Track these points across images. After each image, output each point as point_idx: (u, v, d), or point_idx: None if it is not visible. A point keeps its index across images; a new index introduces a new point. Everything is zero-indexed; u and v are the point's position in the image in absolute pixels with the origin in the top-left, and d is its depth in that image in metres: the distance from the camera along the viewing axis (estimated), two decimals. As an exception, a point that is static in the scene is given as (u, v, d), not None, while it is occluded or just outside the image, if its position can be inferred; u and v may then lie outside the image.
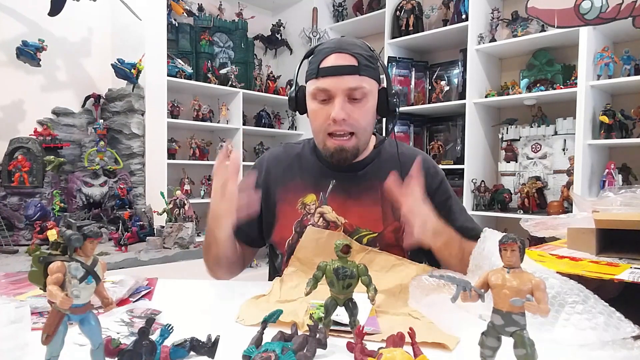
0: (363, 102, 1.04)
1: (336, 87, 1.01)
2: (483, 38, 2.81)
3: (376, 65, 1.07)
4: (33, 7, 2.51)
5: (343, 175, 1.13)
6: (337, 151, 1.06)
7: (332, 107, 1.02)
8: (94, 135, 2.63)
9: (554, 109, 2.73)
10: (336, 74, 1.01)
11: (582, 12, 1.39)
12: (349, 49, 1.03)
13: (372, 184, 1.11)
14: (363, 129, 1.06)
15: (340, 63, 1.02)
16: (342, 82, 1.01)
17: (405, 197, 0.95)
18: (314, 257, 1.00)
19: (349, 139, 1.05)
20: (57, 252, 0.54)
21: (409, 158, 1.15)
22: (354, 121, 1.04)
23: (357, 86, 1.01)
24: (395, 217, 1.08)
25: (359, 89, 1.02)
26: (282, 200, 1.16)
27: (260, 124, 3.63)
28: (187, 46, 3.25)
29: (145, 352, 0.55)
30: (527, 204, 2.62)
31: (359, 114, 1.04)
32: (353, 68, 1.01)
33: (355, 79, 1.01)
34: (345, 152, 1.06)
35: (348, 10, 3.71)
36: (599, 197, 1.04)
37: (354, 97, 1.02)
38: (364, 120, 1.06)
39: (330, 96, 1.03)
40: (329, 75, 1.02)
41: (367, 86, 1.03)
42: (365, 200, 1.11)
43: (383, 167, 1.14)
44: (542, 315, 0.49)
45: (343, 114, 1.01)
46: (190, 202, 2.38)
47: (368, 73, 1.03)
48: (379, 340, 0.69)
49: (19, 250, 2.07)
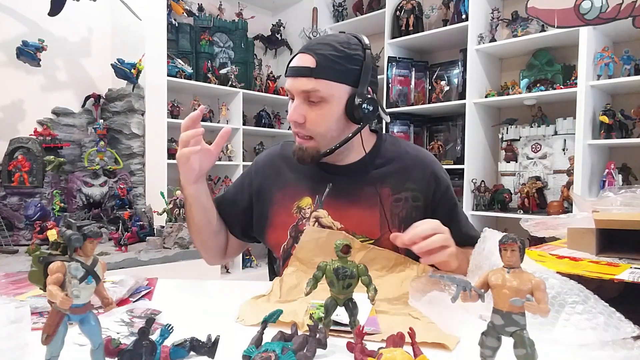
0: (320, 106, 0.99)
1: (293, 87, 1.00)
2: (483, 38, 2.81)
3: (351, 67, 0.99)
4: (33, 7, 2.50)
5: (340, 178, 1.09)
6: (297, 150, 1.05)
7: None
8: (94, 135, 2.62)
9: (554, 109, 2.73)
10: (293, 75, 1.00)
11: (582, 12, 1.39)
12: (314, 49, 0.99)
13: (371, 188, 1.06)
14: (321, 134, 1.02)
15: (298, 64, 0.99)
16: (297, 84, 0.99)
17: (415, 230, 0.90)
18: (314, 257, 0.99)
19: (308, 140, 1.03)
20: (57, 252, 0.54)
21: (413, 160, 1.11)
22: (310, 125, 1.01)
23: (310, 89, 0.98)
24: (393, 223, 1.05)
25: (312, 92, 0.98)
26: (277, 204, 1.13)
27: (260, 124, 3.63)
28: (187, 46, 3.25)
29: (145, 352, 0.55)
30: (527, 204, 2.62)
31: (314, 117, 1.00)
32: (308, 70, 0.97)
33: (309, 81, 0.97)
34: (303, 152, 1.04)
35: (348, 10, 3.71)
36: (599, 197, 1.04)
37: (311, 100, 0.99)
38: (321, 125, 1.01)
39: (292, 97, 1.02)
40: (289, 75, 1.01)
41: (322, 89, 0.98)
42: (363, 204, 1.06)
43: (382, 169, 1.09)
44: (542, 315, 0.49)
45: (295, 116, 1.00)
46: (190, 202, 2.38)
47: (329, 76, 0.98)
48: (379, 340, 0.69)
49: (19, 250, 2.07)
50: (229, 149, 3.31)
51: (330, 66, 0.98)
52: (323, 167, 1.11)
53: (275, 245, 1.13)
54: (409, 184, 1.08)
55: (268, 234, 1.15)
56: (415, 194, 1.08)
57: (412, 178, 1.09)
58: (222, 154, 3.30)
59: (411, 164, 1.10)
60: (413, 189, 1.08)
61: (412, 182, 1.08)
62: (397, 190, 1.08)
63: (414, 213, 1.07)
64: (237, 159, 3.37)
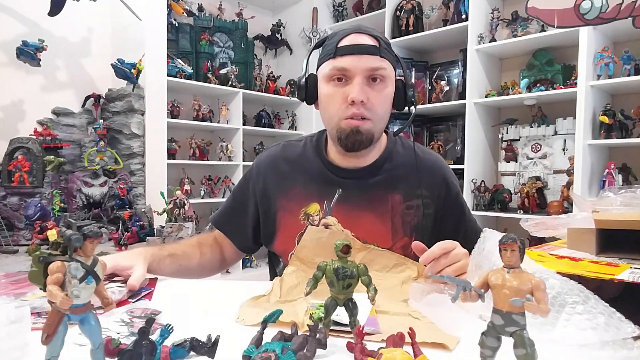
0: (382, 86, 0.97)
1: (356, 65, 0.95)
2: (483, 38, 2.81)
3: (394, 54, 1.01)
4: (33, 7, 2.50)
5: (350, 182, 1.05)
6: (352, 133, 0.97)
7: (350, 88, 0.95)
8: (94, 135, 2.62)
9: (554, 109, 2.74)
10: (356, 52, 0.95)
11: (582, 12, 1.39)
12: (369, 31, 0.98)
13: (382, 194, 1.03)
14: (380, 116, 0.99)
15: (361, 42, 0.96)
16: (362, 61, 0.94)
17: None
18: (314, 257, 0.99)
19: (365, 121, 0.97)
20: (57, 252, 0.54)
21: (425, 165, 1.08)
22: (372, 105, 0.96)
23: (378, 66, 0.95)
24: (405, 232, 1.02)
25: (380, 70, 0.95)
26: (283, 210, 1.08)
27: (260, 124, 3.63)
28: (187, 46, 3.25)
29: (145, 352, 0.55)
30: (527, 204, 2.62)
31: (377, 98, 0.97)
32: (374, 48, 0.95)
33: (376, 59, 0.95)
34: (360, 135, 0.97)
35: (348, 10, 3.72)
36: (599, 197, 1.04)
37: (374, 79, 0.96)
38: (382, 106, 0.98)
39: (348, 77, 0.96)
40: (348, 53, 0.95)
41: (387, 68, 0.97)
42: (374, 211, 1.03)
43: (394, 174, 1.06)
44: (542, 315, 0.49)
45: (363, 95, 0.94)
46: (190, 202, 2.38)
47: (388, 57, 0.98)
48: (379, 340, 0.69)
49: (19, 250, 2.07)
50: (229, 149, 3.31)
51: (387, 49, 0.98)
52: (333, 170, 1.07)
53: (283, 252, 1.10)
54: (421, 190, 1.05)
55: (275, 241, 1.12)
56: (426, 201, 1.05)
57: (424, 184, 1.05)
58: (222, 154, 3.30)
59: (423, 169, 1.07)
60: (425, 196, 1.05)
61: (424, 188, 1.05)
62: (409, 197, 1.05)
63: (425, 220, 1.05)
64: (237, 159, 3.37)
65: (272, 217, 1.10)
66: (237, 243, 1.18)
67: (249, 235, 1.17)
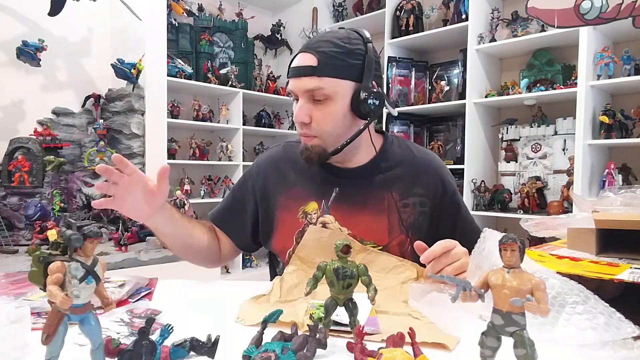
0: (325, 104, 0.98)
1: (296, 87, 0.99)
2: (483, 38, 2.81)
3: (353, 62, 0.98)
4: (33, 7, 2.50)
5: (347, 182, 1.07)
6: (304, 149, 1.02)
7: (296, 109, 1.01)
8: (94, 135, 2.63)
9: (554, 109, 2.73)
10: (296, 75, 0.99)
11: (582, 12, 1.39)
12: (314, 47, 0.97)
13: (378, 193, 1.05)
14: (328, 132, 1.00)
15: (299, 64, 0.98)
16: (300, 84, 0.98)
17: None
18: (314, 257, 0.99)
19: (313, 139, 1.01)
20: (57, 252, 0.54)
21: (421, 164, 1.09)
22: (316, 124, 0.99)
23: (314, 87, 0.96)
24: (401, 229, 1.04)
25: (317, 90, 0.96)
26: (282, 208, 1.10)
27: (260, 124, 3.63)
28: (187, 46, 3.25)
29: (145, 352, 0.55)
30: (527, 204, 2.62)
31: (320, 116, 0.98)
32: (310, 69, 0.96)
33: (312, 80, 0.96)
34: (309, 152, 1.01)
35: (348, 10, 3.72)
36: (599, 197, 1.04)
37: (316, 99, 0.98)
38: (327, 123, 0.99)
39: (296, 97, 1.01)
40: (291, 76, 1.00)
41: (327, 87, 0.96)
42: (371, 210, 1.05)
43: (390, 173, 1.08)
44: (542, 315, 0.49)
45: (301, 116, 0.98)
46: (190, 202, 2.39)
47: (332, 73, 0.96)
48: (379, 340, 0.69)
49: (19, 250, 2.07)
50: (229, 149, 3.31)
51: (332, 63, 0.96)
52: (329, 170, 1.09)
53: (281, 250, 1.11)
54: (417, 189, 1.07)
55: (273, 239, 1.13)
56: (422, 199, 1.07)
57: (420, 183, 1.07)
58: (222, 154, 3.30)
59: (419, 168, 1.09)
60: (421, 194, 1.07)
61: (420, 187, 1.07)
62: (405, 196, 1.06)
63: (421, 219, 1.06)
64: (237, 159, 3.37)
65: (271, 215, 1.12)
66: (235, 240, 1.19)
67: (247, 233, 1.18)
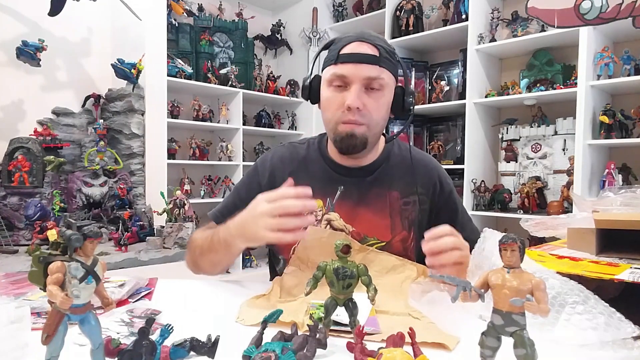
0: (379, 94, 1.01)
1: (355, 74, 0.99)
2: (483, 38, 2.80)
3: (395, 62, 1.05)
4: (33, 7, 2.50)
5: (351, 180, 1.10)
6: (347, 136, 1.02)
7: (348, 94, 1.00)
8: (94, 135, 2.62)
9: (554, 109, 2.73)
10: (356, 61, 0.99)
11: (582, 12, 1.39)
12: (371, 40, 1.02)
13: (381, 191, 1.09)
14: (375, 122, 1.03)
15: (361, 51, 1.00)
16: (361, 70, 0.99)
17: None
18: (315, 257, 0.99)
19: (359, 126, 1.02)
20: (57, 252, 0.54)
21: (420, 164, 1.13)
22: (368, 112, 1.01)
23: (376, 76, 0.99)
24: (403, 226, 1.08)
25: (377, 79, 1.00)
26: None
27: (260, 124, 3.63)
28: (187, 46, 3.25)
29: (145, 352, 0.55)
30: (527, 204, 2.62)
31: (373, 105, 1.01)
32: (374, 57, 1.00)
33: (374, 68, 0.99)
34: (355, 139, 1.02)
35: (348, 10, 3.71)
36: (599, 197, 1.04)
37: (371, 87, 1.00)
38: (378, 113, 1.03)
39: (347, 83, 1.01)
40: (348, 61, 1.00)
41: (385, 78, 1.01)
42: (374, 207, 1.09)
43: (392, 173, 1.12)
44: (542, 315, 0.49)
45: (358, 102, 0.99)
46: (190, 202, 2.38)
47: (388, 66, 1.01)
48: (379, 340, 0.69)
49: (19, 250, 2.07)
50: (229, 149, 3.31)
51: (387, 57, 1.02)
52: (335, 168, 1.12)
53: (285, 247, 1.11)
54: (417, 188, 1.11)
55: None
56: (422, 198, 1.11)
57: (419, 182, 1.12)
58: (222, 154, 3.30)
59: (418, 168, 1.13)
60: (420, 193, 1.11)
61: (419, 186, 1.11)
62: (406, 194, 1.11)
63: (421, 216, 1.11)
64: (237, 159, 3.37)
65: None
66: None
67: None
